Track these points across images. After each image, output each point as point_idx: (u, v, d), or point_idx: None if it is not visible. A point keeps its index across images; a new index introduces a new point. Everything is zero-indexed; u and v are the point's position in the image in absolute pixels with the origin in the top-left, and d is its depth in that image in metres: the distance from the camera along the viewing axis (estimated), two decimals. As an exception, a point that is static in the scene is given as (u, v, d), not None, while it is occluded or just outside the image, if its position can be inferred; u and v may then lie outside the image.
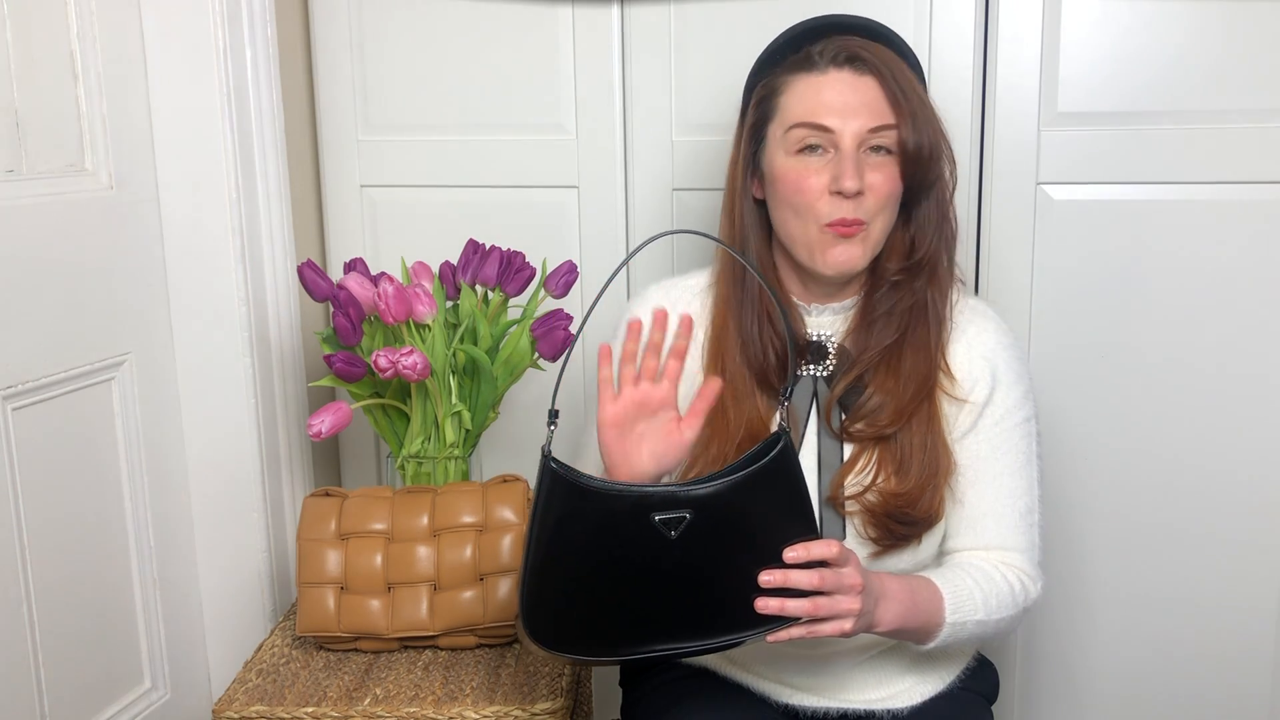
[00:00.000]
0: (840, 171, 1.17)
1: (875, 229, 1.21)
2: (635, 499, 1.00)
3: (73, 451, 1.41)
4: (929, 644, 1.18)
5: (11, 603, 1.31)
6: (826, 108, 1.18)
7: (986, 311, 1.30)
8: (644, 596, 1.02)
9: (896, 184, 1.20)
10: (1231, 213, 1.55)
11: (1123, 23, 1.53)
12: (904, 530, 1.21)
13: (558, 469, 1.02)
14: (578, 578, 1.02)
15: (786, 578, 1.02)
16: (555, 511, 1.02)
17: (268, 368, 1.62)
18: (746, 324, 1.26)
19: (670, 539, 1.00)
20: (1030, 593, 1.23)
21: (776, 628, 1.03)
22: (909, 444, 1.21)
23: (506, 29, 1.67)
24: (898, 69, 1.20)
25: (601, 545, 1.01)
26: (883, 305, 1.24)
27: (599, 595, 1.02)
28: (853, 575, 1.05)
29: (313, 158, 1.78)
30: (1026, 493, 1.25)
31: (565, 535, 1.02)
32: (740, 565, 1.02)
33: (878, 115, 1.19)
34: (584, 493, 1.01)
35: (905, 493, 1.20)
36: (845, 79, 1.19)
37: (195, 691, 1.63)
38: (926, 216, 1.24)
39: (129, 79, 1.48)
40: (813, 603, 1.03)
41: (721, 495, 1.01)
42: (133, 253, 1.49)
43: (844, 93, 1.19)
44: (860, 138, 1.18)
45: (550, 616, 1.04)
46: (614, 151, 1.69)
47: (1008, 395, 1.25)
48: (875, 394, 1.22)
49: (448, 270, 1.53)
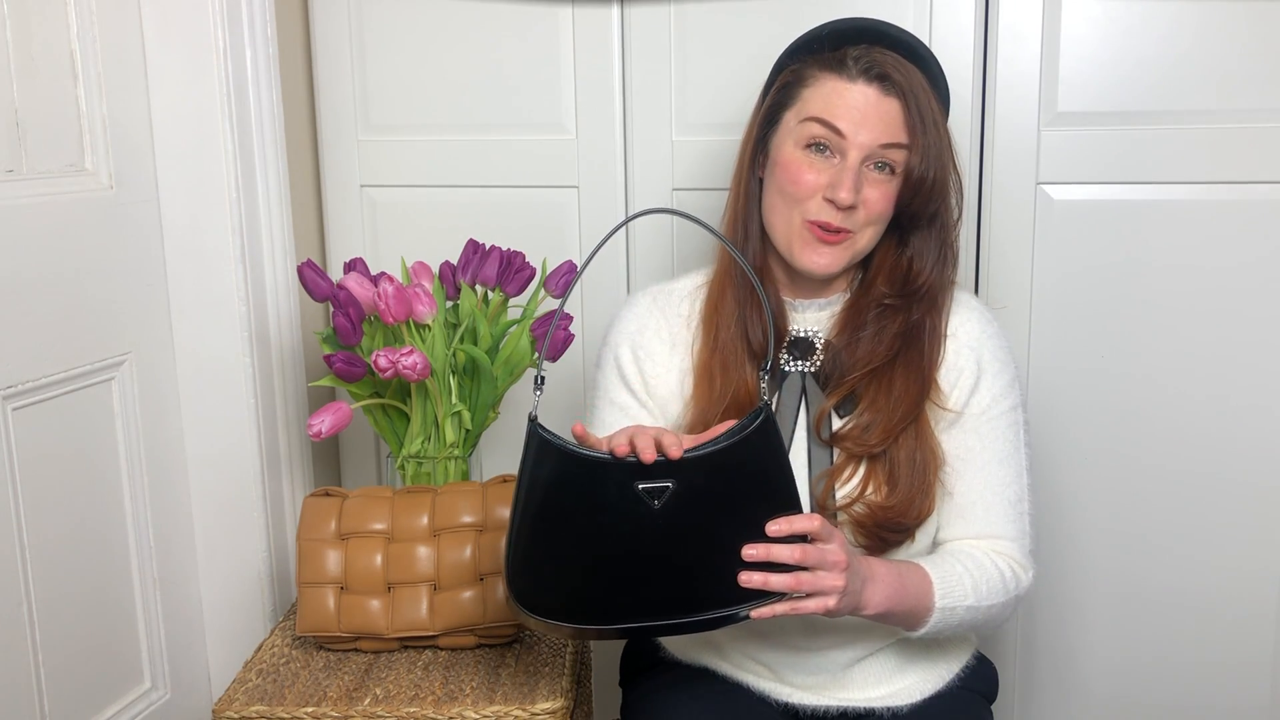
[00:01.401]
0: (838, 181, 1.18)
1: (860, 241, 1.22)
2: (619, 466, 1.01)
3: (73, 451, 1.41)
4: (919, 630, 1.19)
5: (11, 603, 1.31)
6: (845, 112, 1.19)
7: (970, 301, 1.30)
8: (626, 567, 1.02)
9: (890, 203, 1.21)
10: (1231, 213, 1.55)
11: (1123, 23, 1.53)
12: (896, 538, 1.22)
13: (544, 434, 1.02)
14: (561, 543, 1.03)
15: (769, 551, 1.02)
16: (542, 476, 1.02)
17: (268, 368, 1.62)
18: (740, 296, 1.26)
19: (654, 509, 1.01)
20: (1022, 580, 1.24)
21: (760, 604, 1.04)
22: (897, 458, 1.22)
23: (506, 29, 1.67)
24: (924, 98, 1.21)
25: (585, 513, 1.02)
26: (873, 324, 1.25)
27: (582, 563, 1.03)
28: (836, 552, 1.05)
29: (313, 158, 1.78)
30: (1015, 481, 1.25)
31: (549, 500, 1.02)
32: (723, 539, 1.03)
33: (892, 134, 1.19)
34: (568, 458, 1.01)
35: (894, 505, 1.21)
36: (871, 94, 1.20)
37: (195, 691, 1.63)
38: (927, 246, 1.25)
39: (129, 79, 1.48)
40: (795, 578, 1.03)
41: (703, 464, 1.01)
42: (132, 253, 1.49)
43: (865, 106, 1.19)
44: (868, 151, 1.19)
45: (533, 581, 1.05)
46: (614, 151, 1.69)
47: (993, 384, 1.25)
48: (866, 412, 1.23)
49: (448, 270, 1.53)
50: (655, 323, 1.31)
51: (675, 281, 1.36)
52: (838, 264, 1.22)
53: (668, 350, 1.30)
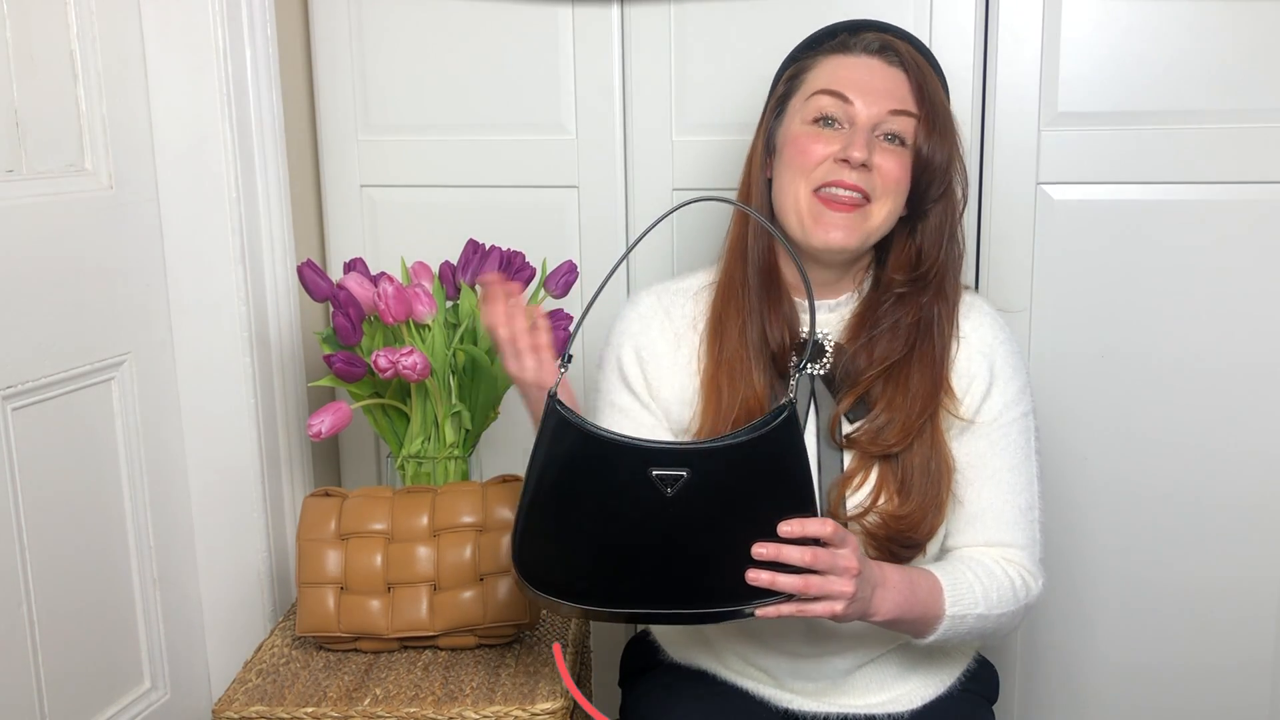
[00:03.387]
0: (850, 142, 1.17)
1: (876, 214, 1.19)
2: (635, 449, 1.00)
3: (73, 451, 1.41)
4: (928, 637, 1.17)
5: (11, 603, 1.31)
6: (851, 82, 1.20)
7: (982, 306, 1.29)
8: (634, 552, 1.02)
9: (905, 174, 1.20)
10: (1231, 213, 1.55)
11: (1123, 23, 1.53)
12: (908, 554, 1.21)
13: (563, 411, 1.01)
14: (570, 521, 1.02)
15: (779, 551, 1.01)
16: (556, 453, 1.01)
17: (268, 368, 1.62)
18: (750, 304, 1.25)
19: (666, 496, 1.00)
20: (1032, 589, 1.22)
21: (765, 603, 1.03)
22: (910, 465, 1.20)
23: (506, 29, 1.67)
24: (927, 73, 1.22)
25: (596, 492, 1.01)
26: (888, 318, 1.23)
27: (590, 543, 1.02)
28: (848, 557, 1.04)
29: (313, 158, 1.78)
30: (1026, 489, 1.24)
31: (563, 479, 1.02)
32: (734, 534, 1.02)
33: (899, 100, 1.19)
34: (585, 438, 1.01)
35: (907, 515, 1.19)
36: (875, 65, 1.21)
37: (195, 691, 1.63)
38: (934, 229, 1.24)
39: (129, 79, 1.48)
40: (804, 580, 1.02)
41: (721, 456, 1.00)
42: (132, 253, 1.49)
43: (871, 76, 1.20)
44: (878, 119, 1.18)
45: (540, 556, 1.04)
46: (614, 151, 1.69)
47: (1005, 391, 1.24)
48: (883, 411, 1.21)
49: (448, 270, 1.53)
50: (660, 323, 1.29)
51: (681, 280, 1.34)
52: (853, 238, 1.18)
53: (672, 351, 1.28)
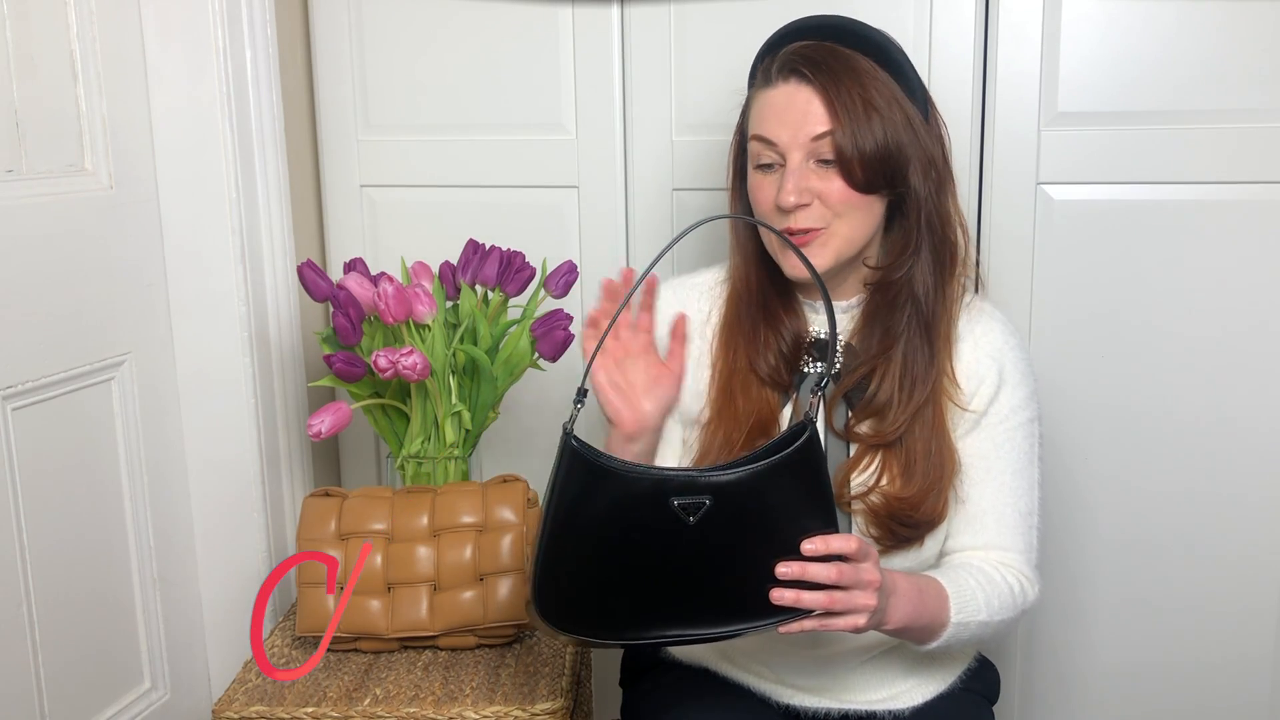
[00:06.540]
0: (780, 186, 1.18)
1: (838, 231, 1.19)
2: (655, 481, 0.99)
3: (73, 451, 1.41)
4: (931, 644, 1.18)
5: (11, 603, 1.31)
6: (770, 121, 1.20)
7: (994, 313, 1.30)
8: (657, 581, 1.01)
9: (847, 190, 1.18)
10: (1231, 213, 1.55)
11: (1123, 22, 1.53)
12: (906, 532, 1.21)
13: (578, 446, 1.01)
14: (591, 558, 1.01)
15: (804, 570, 1.01)
16: (572, 490, 1.01)
17: (268, 368, 1.62)
18: (755, 318, 1.26)
19: (688, 524, 0.99)
20: (1029, 595, 1.23)
21: (789, 619, 1.03)
22: (914, 448, 1.21)
23: (506, 29, 1.67)
24: (845, 75, 1.17)
25: (618, 527, 1.00)
26: (883, 310, 1.24)
27: (612, 577, 1.01)
28: (871, 571, 1.04)
29: (313, 158, 1.78)
30: (1027, 494, 1.25)
31: (581, 514, 1.01)
32: (757, 554, 1.01)
33: (816, 121, 1.17)
34: (603, 472, 1.00)
35: (909, 496, 1.20)
36: (787, 91, 1.19)
37: (195, 691, 1.63)
38: (897, 230, 1.23)
39: (129, 79, 1.48)
40: (829, 596, 1.02)
41: (743, 483, 1.00)
42: (132, 253, 1.49)
43: (790, 105, 1.19)
44: (805, 148, 1.18)
45: (560, 595, 1.03)
46: (614, 151, 1.69)
47: (1013, 394, 1.25)
48: (879, 397, 1.22)
49: (448, 270, 1.53)
50: (675, 317, 1.29)
51: (694, 275, 1.35)
52: (824, 261, 1.19)
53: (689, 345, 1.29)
